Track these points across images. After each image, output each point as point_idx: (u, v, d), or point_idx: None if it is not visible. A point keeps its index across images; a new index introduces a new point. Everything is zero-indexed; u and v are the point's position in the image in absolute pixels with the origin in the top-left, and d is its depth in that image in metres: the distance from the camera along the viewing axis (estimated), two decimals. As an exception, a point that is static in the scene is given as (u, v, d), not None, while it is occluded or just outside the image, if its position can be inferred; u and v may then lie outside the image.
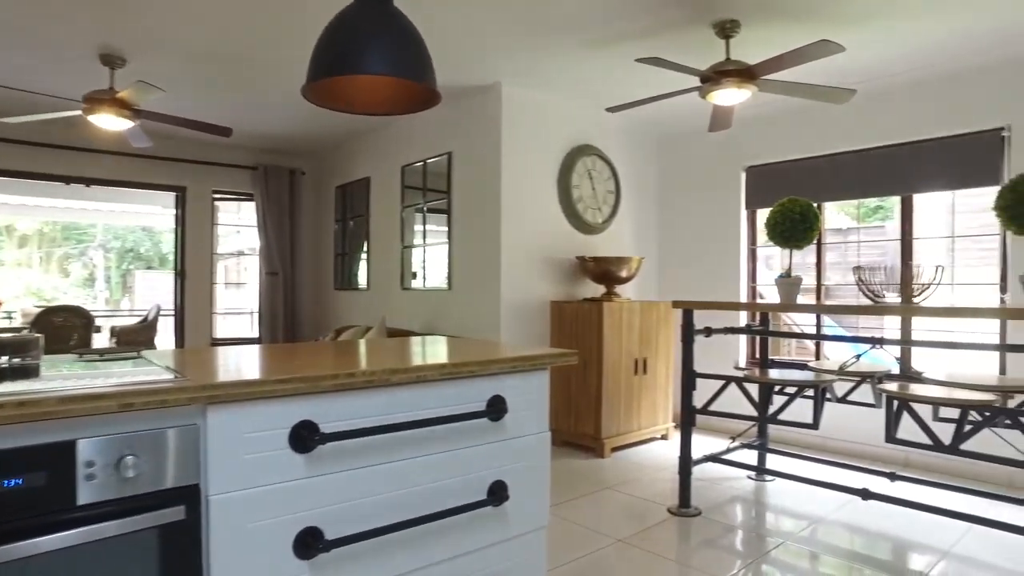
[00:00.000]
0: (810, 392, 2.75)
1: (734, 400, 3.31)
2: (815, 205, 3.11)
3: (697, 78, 3.19)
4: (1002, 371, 3.79)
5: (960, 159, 3.94)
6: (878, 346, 2.76)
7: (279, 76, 4.10)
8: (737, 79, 3.05)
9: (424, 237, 5.17)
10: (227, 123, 4.68)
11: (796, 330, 5.54)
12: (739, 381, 2.97)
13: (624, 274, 4.52)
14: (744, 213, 5.05)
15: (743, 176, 5.03)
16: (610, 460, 4.17)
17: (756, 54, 3.31)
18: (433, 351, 1.62)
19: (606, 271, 4.50)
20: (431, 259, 5.07)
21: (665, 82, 3.90)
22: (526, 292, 4.46)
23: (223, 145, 6.11)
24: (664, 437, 4.73)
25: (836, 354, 6.38)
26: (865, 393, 3.26)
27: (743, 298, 5.04)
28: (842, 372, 3.10)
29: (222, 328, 6.71)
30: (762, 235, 5.51)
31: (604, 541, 2.84)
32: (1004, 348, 2.89)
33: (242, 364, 1.35)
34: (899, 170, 4.18)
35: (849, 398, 3.19)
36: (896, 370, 3.40)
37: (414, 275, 5.28)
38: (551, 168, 4.64)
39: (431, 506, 1.35)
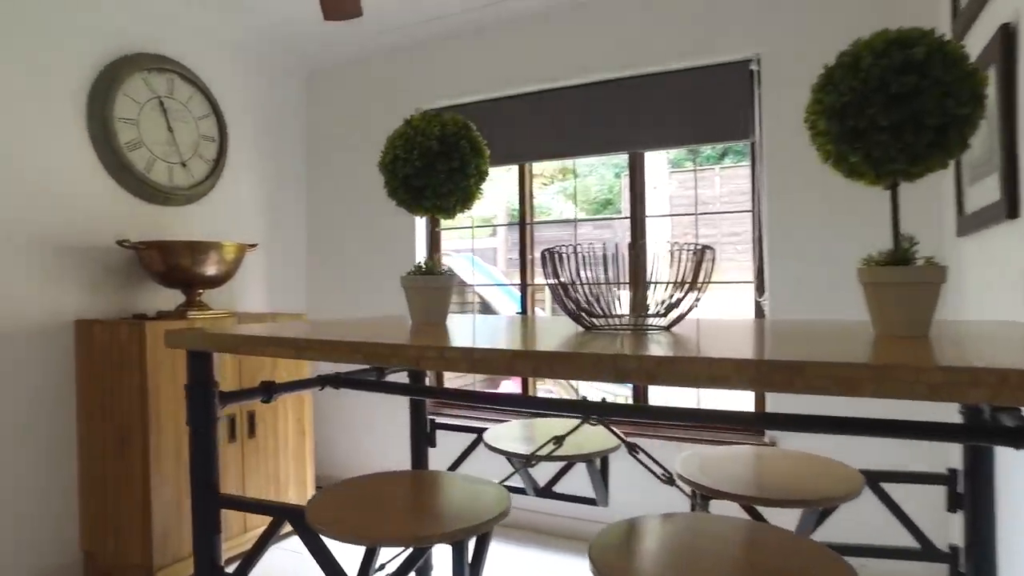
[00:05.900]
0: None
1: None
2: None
3: None
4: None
5: (703, 101, 2.75)
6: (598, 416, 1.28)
7: None
8: None
9: None
10: None
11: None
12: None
13: (210, 271, 2.59)
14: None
15: (424, 131, 3.43)
16: (164, 622, 2.20)
17: None
18: None
19: (175, 266, 2.53)
20: None
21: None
22: (20, 307, 2.30)
23: None
24: (302, 536, 2.88)
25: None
26: (579, 479, 1.78)
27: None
28: (546, 457, 1.55)
29: None
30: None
31: None
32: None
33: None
34: (627, 117, 2.89)
35: (556, 489, 1.71)
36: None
37: None
38: (71, 84, 2.52)
39: None
